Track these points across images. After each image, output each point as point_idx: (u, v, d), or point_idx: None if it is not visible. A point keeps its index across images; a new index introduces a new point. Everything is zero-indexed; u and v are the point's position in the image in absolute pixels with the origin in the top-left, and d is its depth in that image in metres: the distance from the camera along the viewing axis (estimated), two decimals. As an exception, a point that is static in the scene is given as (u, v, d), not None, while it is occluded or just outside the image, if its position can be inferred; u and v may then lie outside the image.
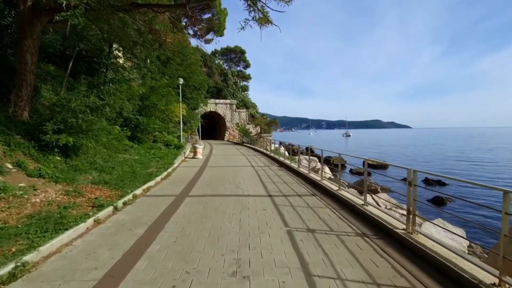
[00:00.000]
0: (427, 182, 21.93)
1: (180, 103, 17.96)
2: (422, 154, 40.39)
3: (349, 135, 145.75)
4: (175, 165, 11.55)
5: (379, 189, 12.98)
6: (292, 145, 17.46)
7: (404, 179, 4.21)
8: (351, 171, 26.98)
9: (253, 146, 24.09)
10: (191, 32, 51.36)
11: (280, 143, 19.90)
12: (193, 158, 14.94)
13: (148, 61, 21.99)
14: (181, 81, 17.90)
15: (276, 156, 14.82)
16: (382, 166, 29.41)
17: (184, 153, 15.25)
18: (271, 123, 30.03)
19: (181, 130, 18.07)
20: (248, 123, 41.29)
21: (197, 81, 24.95)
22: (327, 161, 31.14)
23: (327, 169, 14.55)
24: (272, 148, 19.25)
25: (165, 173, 9.26)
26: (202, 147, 15.83)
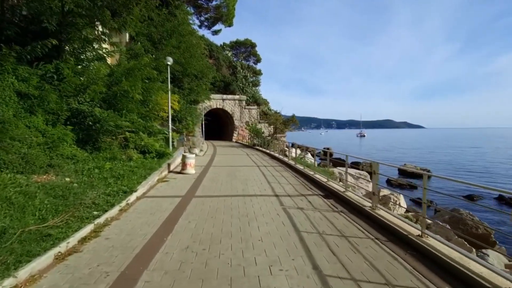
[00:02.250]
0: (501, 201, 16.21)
1: (169, 92, 12.85)
2: (468, 160, 34.06)
3: (364, 136, 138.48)
4: (137, 193, 6.37)
5: (492, 235, 7.50)
6: (308, 147, 12.21)
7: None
8: (389, 182, 21.30)
9: (267, 150, 18.85)
10: (197, 21, 46.58)
11: (297, 146, 14.52)
12: (180, 173, 9.79)
13: (138, 43, 17.04)
14: (169, 61, 12.77)
15: (309, 172, 9.52)
16: (418, 175, 23.59)
17: (169, 165, 10.13)
18: (288, 122, 24.67)
19: (170, 130, 12.97)
20: (259, 122, 36.18)
21: (198, 67, 19.80)
22: (354, 167, 25.54)
23: (402, 201, 9.06)
24: (295, 154, 13.98)
25: (87, 229, 4.07)
26: (195, 155, 10.70)
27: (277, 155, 16.08)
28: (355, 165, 27.32)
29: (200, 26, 46.61)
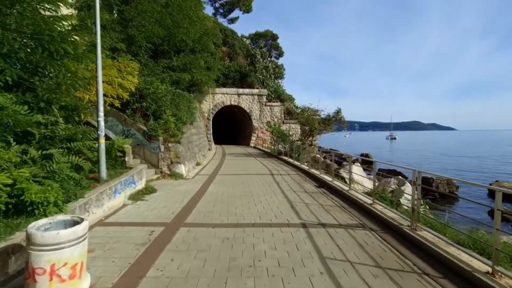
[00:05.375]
0: None
1: (99, 49, 5.60)
2: None
3: (395, 138, 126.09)
4: None
5: None
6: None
7: None
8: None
9: (303, 166, 11.26)
10: (211, 9, 40.11)
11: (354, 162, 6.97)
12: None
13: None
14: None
15: None
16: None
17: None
18: (329, 120, 16.82)
19: (102, 132, 5.69)
20: (283, 122, 28.78)
21: (194, 34, 12.62)
22: (426, 188, 17.13)
23: None
24: (351, 173, 6.43)
25: None
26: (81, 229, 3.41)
27: (325, 178, 8.48)
28: (427, 179, 18.90)
29: (214, 14, 40.19)
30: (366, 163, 21.07)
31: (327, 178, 8.65)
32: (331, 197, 6.70)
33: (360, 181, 9.42)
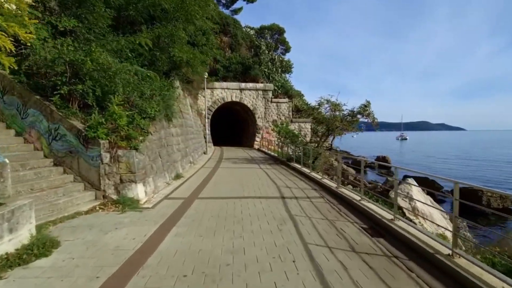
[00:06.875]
0: None
1: None
2: None
3: (406, 139, 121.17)
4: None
5: None
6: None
7: None
8: None
9: (328, 182, 7.63)
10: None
11: None
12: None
13: None
14: None
15: None
16: None
17: None
18: (354, 118, 12.94)
19: None
20: (291, 121, 25.26)
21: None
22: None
23: None
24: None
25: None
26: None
27: (376, 211, 4.85)
28: (471, 190, 14.90)
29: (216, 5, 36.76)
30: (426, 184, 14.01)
31: (381, 212, 4.96)
32: (419, 274, 3.01)
33: (426, 213, 5.72)
